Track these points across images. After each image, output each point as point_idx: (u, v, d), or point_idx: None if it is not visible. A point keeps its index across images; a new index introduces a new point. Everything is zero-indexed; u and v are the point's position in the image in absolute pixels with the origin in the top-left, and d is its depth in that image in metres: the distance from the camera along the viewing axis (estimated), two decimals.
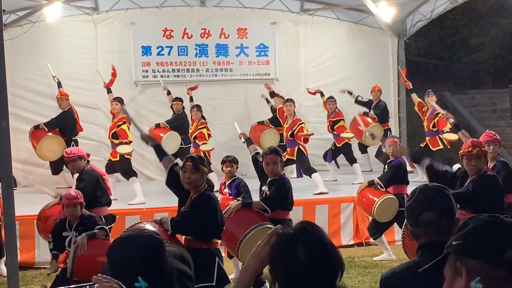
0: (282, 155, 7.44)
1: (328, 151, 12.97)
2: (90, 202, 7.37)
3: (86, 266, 5.97)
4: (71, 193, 6.62)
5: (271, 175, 7.13)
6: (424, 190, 2.96)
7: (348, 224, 10.32)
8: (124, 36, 13.86)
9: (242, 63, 14.50)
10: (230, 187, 7.99)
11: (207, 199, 5.66)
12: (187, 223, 5.66)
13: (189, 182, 5.57)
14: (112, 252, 2.73)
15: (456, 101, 20.42)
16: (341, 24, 15.18)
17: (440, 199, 2.90)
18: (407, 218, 2.97)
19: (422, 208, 2.88)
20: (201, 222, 5.60)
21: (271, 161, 7.05)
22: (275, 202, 7.00)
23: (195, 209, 5.61)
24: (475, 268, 1.67)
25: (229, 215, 6.79)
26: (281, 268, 2.23)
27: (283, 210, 7.13)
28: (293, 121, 11.72)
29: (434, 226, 2.84)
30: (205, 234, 5.72)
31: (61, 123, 11.98)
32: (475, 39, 22.45)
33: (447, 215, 2.86)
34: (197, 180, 5.59)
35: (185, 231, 5.80)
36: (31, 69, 13.24)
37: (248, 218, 6.82)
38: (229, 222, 6.61)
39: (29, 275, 8.64)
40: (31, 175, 12.63)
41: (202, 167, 5.62)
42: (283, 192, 7.09)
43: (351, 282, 7.96)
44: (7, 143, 6.52)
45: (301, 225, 2.31)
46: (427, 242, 2.87)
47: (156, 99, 13.87)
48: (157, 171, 13.79)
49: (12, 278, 6.57)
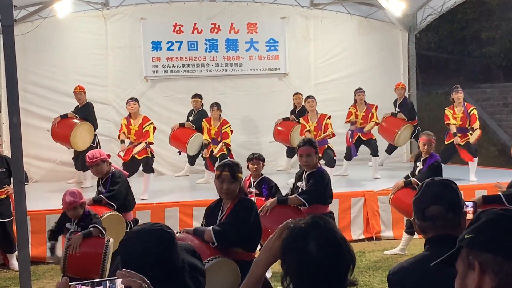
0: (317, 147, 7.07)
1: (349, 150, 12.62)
2: (122, 206, 7.19)
3: (78, 264, 6.09)
4: (68, 199, 6.31)
5: (307, 168, 6.87)
6: (431, 184, 2.97)
7: (358, 218, 10.30)
8: (134, 31, 13.88)
9: (252, 58, 14.49)
10: (259, 186, 7.69)
11: (250, 206, 5.23)
12: (232, 233, 5.09)
13: (228, 193, 5.12)
14: (124, 246, 2.73)
15: (467, 95, 20.23)
16: (351, 19, 15.14)
17: (446, 193, 2.91)
18: (414, 212, 2.98)
19: (429, 202, 2.89)
20: (247, 230, 5.15)
21: (305, 153, 6.78)
22: (313, 195, 6.75)
23: (239, 217, 5.12)
24: (489, 262, 1.66)
25: (265, 213, 6.62)
26: (292, 262, 2.23)
27: (322, 205, 6.89)
28: (319, 119, 11.70)
29: (441, 219, 2.85)
30: (251, 244, 5.26)
31: (87, 114, 11.72)
32: (486, 33, 22.35)
33: (454, 209, 2.87)
34: (235, 190, 5.15)
35: (230, 242, 5.16)
36: (42, 64, 13.29)
37: (284, 214, 6.39)
38: (265, 220, 6.29)
39: (40, 269, 8.67)
40: (42, 171, 12.69)
41: (239, 174, 5.19)
42: (322, 185, 6.81)
43: (362, 277, 7.95)
44: (19, 138, 6.53)
45: (312, 219, 2.31)
46: (434, 236, 2.87)
47: (166, 94, 13.90)
48: (168, 166, 13.86)
49: (24, 272, 6.59)
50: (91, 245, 6.13)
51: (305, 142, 6.87)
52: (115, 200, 7.10)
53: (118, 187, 7.14)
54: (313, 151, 6.81)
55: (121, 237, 7.12)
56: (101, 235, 6.24)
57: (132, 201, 7.49)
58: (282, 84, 14.33)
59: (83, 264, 6.13)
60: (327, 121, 11.68)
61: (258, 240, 5.36)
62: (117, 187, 7.14)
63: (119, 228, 7.03)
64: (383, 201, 10.02)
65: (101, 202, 7.09)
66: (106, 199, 7.08)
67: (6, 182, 8.88)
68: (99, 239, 6.22)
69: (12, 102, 6.45)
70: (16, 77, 6.49)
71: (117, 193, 7.11)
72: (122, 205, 7.19)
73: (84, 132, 11.52)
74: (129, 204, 7.38)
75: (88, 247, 6.12)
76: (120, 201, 7.12)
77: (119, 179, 7.19)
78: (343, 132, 13.08)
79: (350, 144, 12.50)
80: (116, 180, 7.17)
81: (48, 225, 8.87)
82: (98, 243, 6.21)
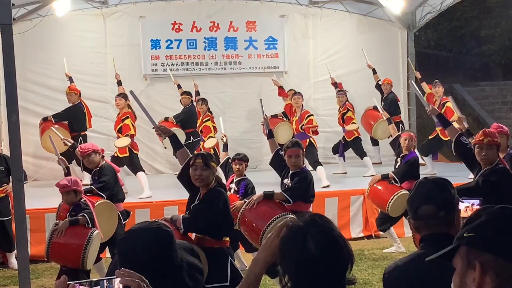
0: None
1: (338, 145, 12.93)
2: (109, 197, 7.56)
3: (60, 251, 6.40)
4: (62, 182, 6.72)
5: (293, 168, 7.09)
6: (424, 183, 2.98)
7: (357, 217, 10.31)
8: (133, 29, 13.87)
9: (251, 56, 14.48)
10: (238, 185, 7.88)
11: (218, 194, 5.59)
12: (199, 220, 5.55)
13: (201, 179, 5.48)
14: (122, 245, 2.74)
15: (466, 93, 20.33)
16: (350, 17, 15.13)
17: (439, 192, 2.90)
18: (408, 211, 2.99)
19: (421, 201, 2.89)
20: (213, 217, 5.52)
21: (294, 154, 7.02)
22: (296, 192, 6.95)
23: (206, 204, 5.52)
24: (490, 262, 1.65)
25: (251, 206, 6.79)
26: (290, 261, 2.23)
27: (305, 203, 7.08)
28: (302, 114, 11.76)
29: (433, 218, 2.85)
30: (218, 231, 5.64)
31: (69, 116, 11.90)
32: (485, 31, 22.34)
33: (446, 207, 2.87)
34: (208, 177, 5.50)
35: (198, 228, 5.65)
36: (41, 63, 13.28)
37: (270, 208, 6.79)
38: (251, 214, 6.67)
39: (40, 268, 8.68)
40: (41, 169, 12.68)
41: (212, 163, 5.54)
42: (305, 183, 7.03)
43: (361, 275, 7.96)
44: (17, 137, 6.54)
45: (310, 217, 2.31)
46: (428, 235, 2.88)
47: (165, 92, 13.89)
48: (166, 164, 13.85)
49: (23, 271, 6.60)
50: (74, 234, 6.40)
51: (293, 144, 7.15)
52: (104, 191, 7.54)
53: (108, 179, 7.59)
54: (301, 152, 7.11)
55: (114, 226, 7.46)
56: (87, 224, 6.49)
57: (119, 193, 7.88)
58: (281, 83, 14.32)
59: (65, 253, 6.43)
60: (311, 117, 11.90)
61: (226, 228, 5.72)
62: (107, 179, 7.58)
63: (111, 216, 7.50)
64: None
65: (92, 192, 7.48)
66: (96, 189, 7.50)
67: (5, 181, 8.88)
68: (84, 229, 6.47)
69: (11, 101, 6.45)
70: (14, 75, 6.49)
71: (106, 184, 7.55)
72: (110, 196, 7.61)
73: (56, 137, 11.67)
74: (115, 195, 7.75)
75: (71, 237, 6.39)
76: (109, 191, 7.58)
77: (106, 171, 7.65)
78: (340, 131, 13.12)
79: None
80: (105, 172, 7.64)
81: (47, 223, 8.88)
82: (83, 233, 6.42)
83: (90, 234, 6.39)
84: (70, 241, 6.36)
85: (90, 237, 6.37)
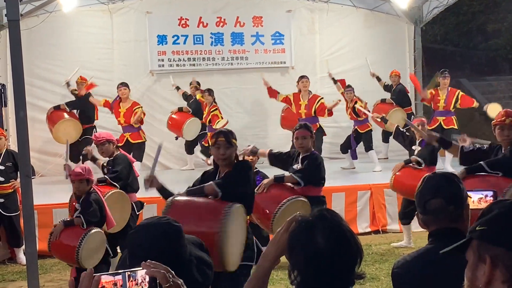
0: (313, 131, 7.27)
1: (346, 143, 12.79)
2: (123, 187, 7.57)
3: (57, 251, 6.76)
4: (77, 170, 6.80)
5: (302, 151, 7.05)
6: (432, 178, 2.98)
7: (364, 211, 10.29)
8: (139, 25, 13.87)
9: (257, 51, 14.46)
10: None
11: (248, 166, 5.44)
12: (234, 186, 5.18)
13: (224, 158, 5.28)
14: (131, 240, 2.74)
15: (473, 87, 20.26)
16: (357, 11, 15.08)
17: (447, 186, 2.90)
18: (416, 206, 2.98)
19: (429, 195, 2.88)
20: (246, 187, 5.27)
21: (301, 136, 6.98)
22: (307, 174, 6.90)
23: (238, 173, 5.26)
24: (500, 256, 1.65)
25: (262, 191, 6.79)
26: (299, 255, 2.23)
27: (316, 186, 7.05)
28: (311, 99, 12.10)
29: (442, 213, 2.84)
30: (248, 204, 5.31)
31: (83, 105, 12.18)
32: (492, 25, 22.26)
33: (455, 202, 2.86)
34: (231, 155, 5.31)
35: (235, 193, 5.19)
36: (48, 59, 13.31)
37: (281, 192, 6.80)
38: (262, 198, 6.64)
39: (48, 263, 8.70)
40: (49, 165, 12.72)
41: (234, 141, 5.37)
42: (315, 166, 7.00)
43: (369, 270, 7.95)
44: (25, 132, 6.55)
45: (319, 212, 2.31)
46: (437, 230, 2.87)
47: (171, 88, 13.88)
48: (173, 160, 13.88)
49: (31, 266, 6.63)
50: (67, 237, 6.60)
51: (301, 126, 7.13)
52: (118, 181, 7.56)
53: (121, 169, 7.56)
54: (309, 134, 7.03)
55: (127, 215, 7.49)
56: (81, 225, 6.59)
57: (134, 183, 7.84)
58: (288, 77, 14.29)
59: (61, 253, 6.78)
60: (321, 100, 12.06)
61: (252, 204, 5.44)
62: (120, 169, 7.56)
63: (124, 206, 7.53)
64: (390, 194, 10.00)
65: (105, 182, 7.49)
66: (109, 179, 7.50)
67: (12, 177, 8.90)
68: (79, 230, 6.58)
69: (19, 97, 6.46)
70: (22, 71, 6.50)
71: (119, 174, 7.54)
72: (124, 186, 7.61)
73: (69, 128, 11.72)
74: (130, 185, 7.74)
75: (65, 238, 6.61)
76: (122, 181, 7.57)
77: (120, 161, 7.63)
78: (347, 126, 13.10)
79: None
80: (117, 161, 7.62)
81: (55, 219, 8.89)
82: (77, 234, 6.56)
83: (83, 236, 6.52)
84: (65, 242, 6.59)
85: (83, 238, 6.49)
